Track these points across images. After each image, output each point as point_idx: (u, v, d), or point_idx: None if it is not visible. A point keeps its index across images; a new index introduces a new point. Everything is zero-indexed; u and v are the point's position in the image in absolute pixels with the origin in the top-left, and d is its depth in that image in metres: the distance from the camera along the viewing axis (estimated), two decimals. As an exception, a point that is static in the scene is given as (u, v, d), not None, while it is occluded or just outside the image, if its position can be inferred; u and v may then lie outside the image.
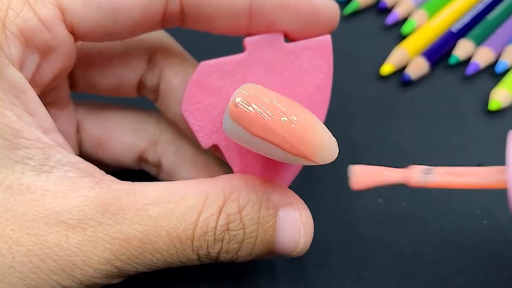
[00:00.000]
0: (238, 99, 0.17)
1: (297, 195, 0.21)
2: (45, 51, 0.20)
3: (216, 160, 0.24)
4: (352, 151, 0.29)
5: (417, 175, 0.18)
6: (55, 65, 0.20)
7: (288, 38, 0.22)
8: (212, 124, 0.21)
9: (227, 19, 0.21)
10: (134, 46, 0.24)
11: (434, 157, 0.29)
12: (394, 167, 0.19)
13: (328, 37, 0.21)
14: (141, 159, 0.25)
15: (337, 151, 0.17)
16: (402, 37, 0.34)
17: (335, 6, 0.21)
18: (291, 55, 0.21)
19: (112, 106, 0.25)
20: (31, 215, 0.18)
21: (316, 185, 0.28)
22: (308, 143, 0.17)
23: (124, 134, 0.25)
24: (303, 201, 0.20)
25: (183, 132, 0.25)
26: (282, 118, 0.17)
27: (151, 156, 0.25)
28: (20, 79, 0.19)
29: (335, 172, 0.26)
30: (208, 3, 0.21)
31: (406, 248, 0.26)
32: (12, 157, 0.18)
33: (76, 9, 0.20)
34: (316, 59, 0.21)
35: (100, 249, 0.18)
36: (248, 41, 0.21)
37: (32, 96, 0.19)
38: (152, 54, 0.24)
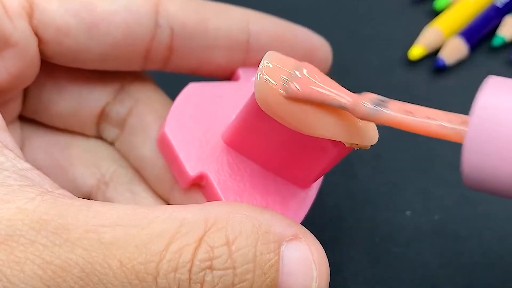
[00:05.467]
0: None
1: (302, 226, 0.18)
2: (2, 44, 0.19)
3: None
4: (373, 152, 0.26)
5: (365, 104, 0.16)
6: (11, 65, 0.20)
7: None
8: (201, 151, 0.20)
9: (223, 52, 0.22)
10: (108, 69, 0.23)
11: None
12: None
13: None
14: None
15: (377, 133, 0.17)
16: (435, 14, 0.32)
17: (329, 49, 0.23)
18: None
19: (65, 130, 0.24)
20: None
21: (329, 196, 0.26)
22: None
23: (71, 167, 0.23)
24: (311, 233, 0.18)
25: (146, 179, 0.23)
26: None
27: (99, 200, 0.23)
28: None
29: (351, 178, 0.26)
30: (204, 32, 0.21)
31: (438, 271, 0.25)
32: None
33: (48, 8, 0.20)
34: None
35: (28, 274, 0.15)
36: (242, 71, 0.22)
37: None
38: (126, 84, 0.23)
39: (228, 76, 0.23)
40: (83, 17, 0.20)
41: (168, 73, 0.23)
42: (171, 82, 0.23)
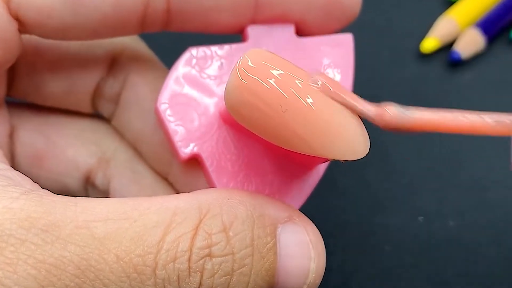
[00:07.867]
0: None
1: (295, 208, 0.19)
2: None
3: None
4: (383, 152, 0.27)
5: (394, 108, 0.16)
6: None
7: (299, 33, 0.21)
8: (196, 128, 0.20)
9: (228, 13, 0.21)
10: (95, 43, 0.23)
11: (491, 159, 0.27)
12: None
13: (350, 36, 0.21)
14: (88, 181, 0.23)
15: (367, 147, 0.16)
16: (450, 3, 0.32)
17: None
18: (303, 51, 0.21)
19: (59, 110, 0.24)
20: None
21: (335, 199, 0.26)
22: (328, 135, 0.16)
23: (70, 147, 0.23)
24: (304, 215, 0.18)
25: (143, 156, 0.23)
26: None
27: (99, 179, 0.23)
28: None
29: (359, 181, 0.26)
30: None
31: (453, 281, 0.24)
32: None
33: None
34: (333, 58, 0.21)
35: (21, 275, 0.15)
36: (252, 29, 0.21)
37: None
38: (117, 56, 0.23)
39: (239, 32, 0.22)
40: None
41: (168, 32, 0.22)
42: (172, 43, 0.23)
